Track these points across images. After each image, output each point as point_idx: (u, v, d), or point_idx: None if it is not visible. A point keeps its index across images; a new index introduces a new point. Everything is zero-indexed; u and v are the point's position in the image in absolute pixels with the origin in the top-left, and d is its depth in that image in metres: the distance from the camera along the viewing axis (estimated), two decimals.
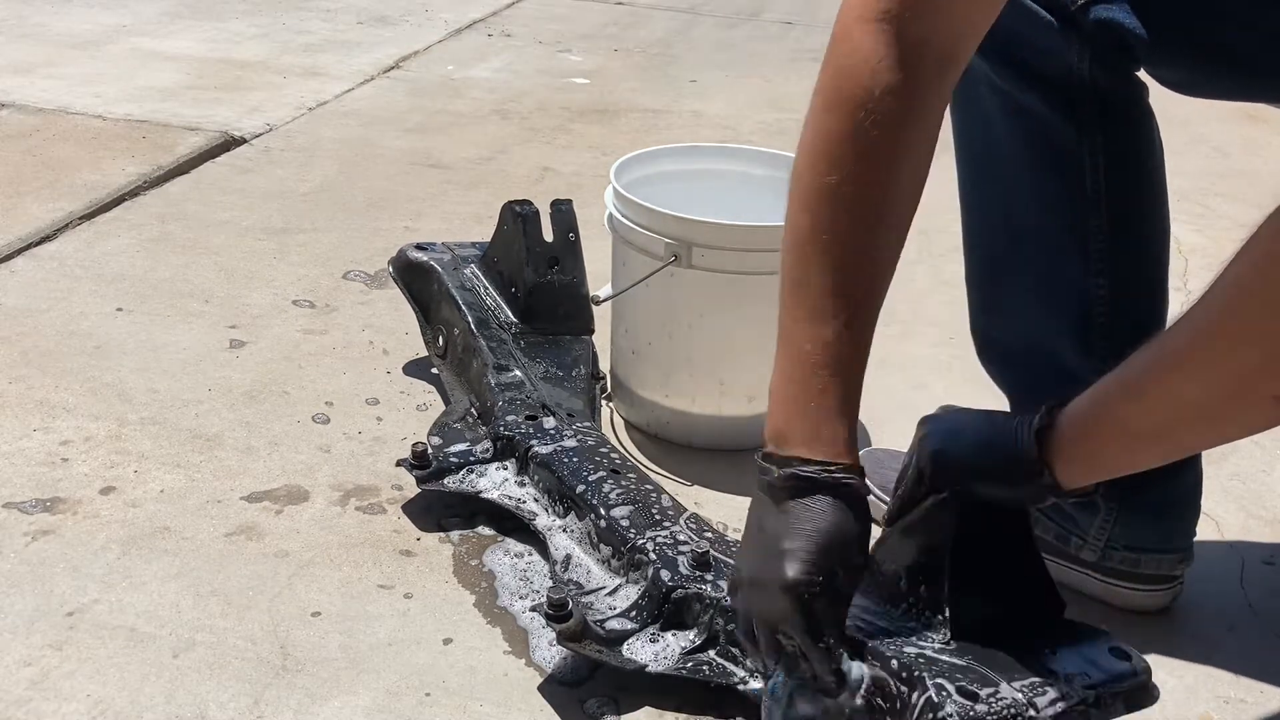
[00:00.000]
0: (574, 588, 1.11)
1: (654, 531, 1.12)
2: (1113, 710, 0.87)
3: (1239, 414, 0.76)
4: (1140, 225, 1.12)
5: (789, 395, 0.85)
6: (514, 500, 1.23)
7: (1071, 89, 1.06)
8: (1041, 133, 1.09)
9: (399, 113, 2.63)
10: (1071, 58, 1.04)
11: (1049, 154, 1.09)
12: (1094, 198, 1.09)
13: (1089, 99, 1.06)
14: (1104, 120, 1.07)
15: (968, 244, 1.22)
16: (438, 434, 1.30)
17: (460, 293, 1.48)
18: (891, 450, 1.36)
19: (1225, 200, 2.32)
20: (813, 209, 0.84)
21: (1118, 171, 1.08)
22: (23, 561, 1.17)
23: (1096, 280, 1.11)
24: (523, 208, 1.45)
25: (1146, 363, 0.79)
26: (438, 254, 1.56)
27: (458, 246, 1.59)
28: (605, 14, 3.70)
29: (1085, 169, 1.08)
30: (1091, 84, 1.05)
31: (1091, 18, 1.02)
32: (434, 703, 1.03)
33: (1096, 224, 1.09)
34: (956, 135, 1.17)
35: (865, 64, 0.80)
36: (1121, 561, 1.17)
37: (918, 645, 0.89)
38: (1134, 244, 1.11)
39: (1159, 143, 1.11)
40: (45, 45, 2.92)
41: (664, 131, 2.61)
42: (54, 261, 1.81)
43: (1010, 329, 1.20)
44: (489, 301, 1.48)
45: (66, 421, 1.41)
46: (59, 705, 1.00)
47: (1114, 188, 1.08)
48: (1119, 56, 1.04)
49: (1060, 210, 1.11)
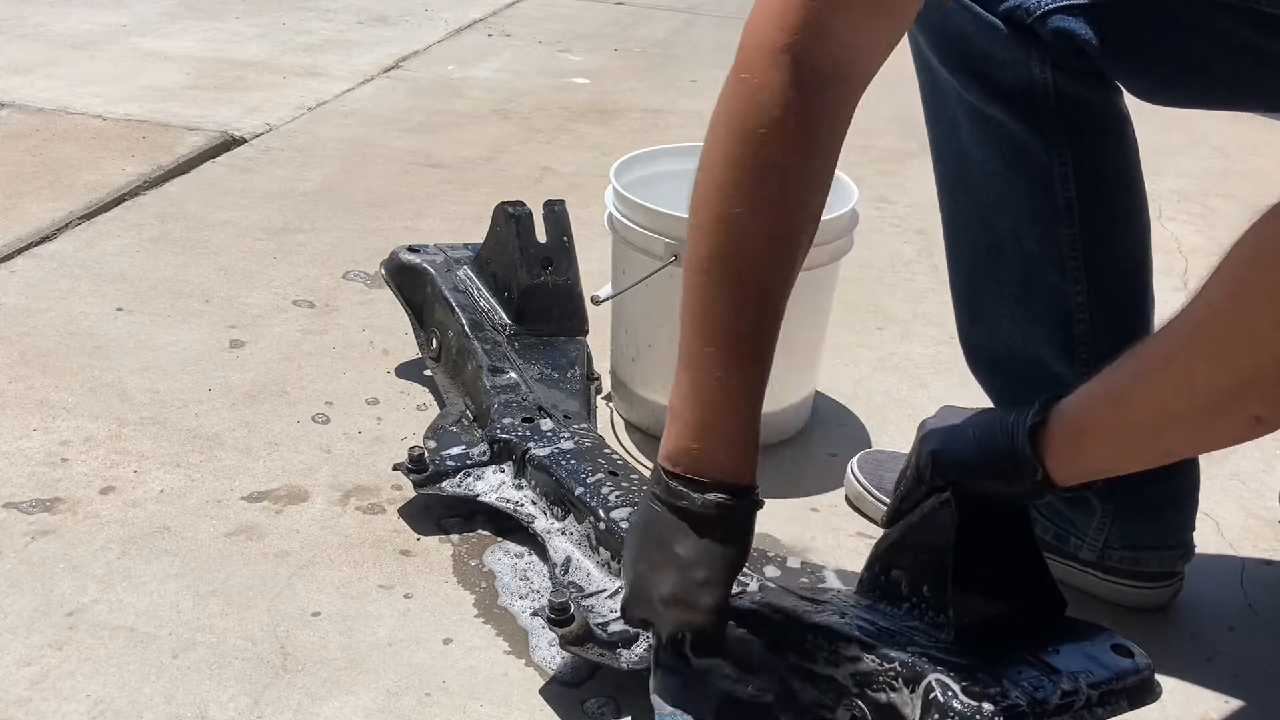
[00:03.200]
0: (574, 590, 1.11)
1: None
2: (1116, 707, 0.87)
3: (1219, 429, 0.75)
4: (1115, 232, 1.11)
5: (704, 421, 0.88)
6: (512, 503, 1.23)
7: (1035, 99, 1.05)
8: (1009, 143, 1.08)
9: (399, 113, 2.63)
10: (1033, 69, 1.04)
11: (1018, 164, 1.09)
12: (1065, 207, 1.08)
13: (1053, 109, 1.05)
14: (1070, 130, 1.06)
15: (950, 253, 1.22)
16: (433, 437, 1.30)
17: (453, 295, 1.48)
18: (891, 451, 1.36)
19: (1225, 200, 2.32)
20: (720, 236, 0.85)
21: (1088, 180, 1.07)
22: (23, 561, 1.17)
23: (1074, 288, 1.10)
24: (515, 209, 1.45)
25: (1131, 370, 0.78)
26: (430, 256, 1.55)
27: (450, 248, 1.58)
28: (605, 14, 3.70)
29: (1054, 178, 1.07)
30: (1056, 93, 1.04)
31: (1050, 27, 1.01)
32: (434, 703, 1.03)
33: (1070, 233, 1.09)
34: (932, 146, 1.17)
35: (770, 95, 0.81)
36: (1120, 560, 1.17)
37: (921, 645, 0.89)
38: (1110, 251, 1.11)
39: (1133, 146, 1.10)
40: (45, 45, 2.92)
41: (664, 131, 2.61)
42: (54, 261, 1.81)
43: (995, 337, 1.19)
44: (483, 303, 1.48)
45: (66, 421, 1.41)
46: (59, 705, 1.00)
47: (1085, 196, 1.08)
48: (1081, 63, 1.03)
49: (1033, 219, 1.10)
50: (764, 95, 0.81)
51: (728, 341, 0.86)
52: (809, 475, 1.40)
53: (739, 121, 0.83)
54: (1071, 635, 0.91)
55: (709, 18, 3.73)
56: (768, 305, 0.87)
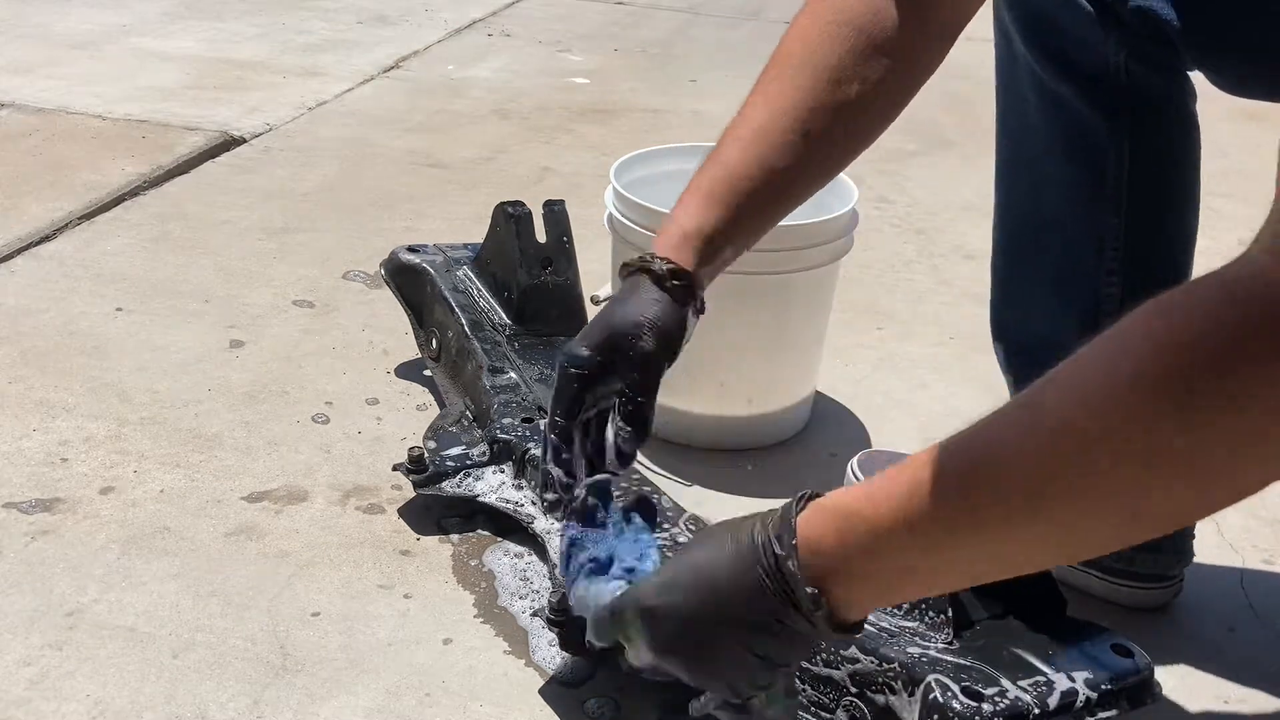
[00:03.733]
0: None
1: (655, 533, 1.11)
2: (1116, 707, 0.87)
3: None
4: (1160, 232, 1.10)
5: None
6: (512, 504, 1.23)
7: (1106, 82, 1.04)
8: (1073, 124, 1.07)
9: (399, 113, 2.63)
10: (1109, 51, 1.03)
11: (1078, 146, 1.08)
12: (1114, 196, 1.07)
13: (1122, 95, 1.04)
14: (1136, 119, 1.05)
15: (996, 223, 1.20)
16: (433, 437, 1.30)
17: (453, 295, 1.47)
18: (891, 451, 1.36)
19: (1225, 200, 2.32)
20: (765, 72, 0.92)
21: (1142, 173, 1.06)
22: (22, 561, 1.17)
23: (1109, 279, 1.09)
24: (515, 209, 1.44)
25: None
26: (430, 256, 1.55)
27: (450, 248, 1.58)
28: (605, 14, 3.69)
29: (1109, 166, 1.07)
30: (1127, 79, 1.03)
31: (1130, 6, 0.99)
32: (434, 703, 1.03)
33: (1115, 223, 1.08)
34: (998, 119, 1.17)
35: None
36: (1116, 559, 1.16)
37: (921, 645, 0.89)
38: (1152, 249, 1.09)
39: (1195, 150, 1.09)
40: (45, 45, 2.92)
41: (664, 131, 2.61)
42: (53, 261, 1.81)
43: (1023, 320, 1.19)
44: (482, 303, 1.48)
45: (66, 421, 1.41)
46: (59, 705, 1.00)
47: (1136, 189, 1.07)
48: (1158, 51, 1.01)
49: (1081, 204, 1.09)
50: None
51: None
52: (809, 475, 1.40)
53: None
54: (1072, 635, 0.91)
55: (709, 18, 3.73)
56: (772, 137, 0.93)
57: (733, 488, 1.35)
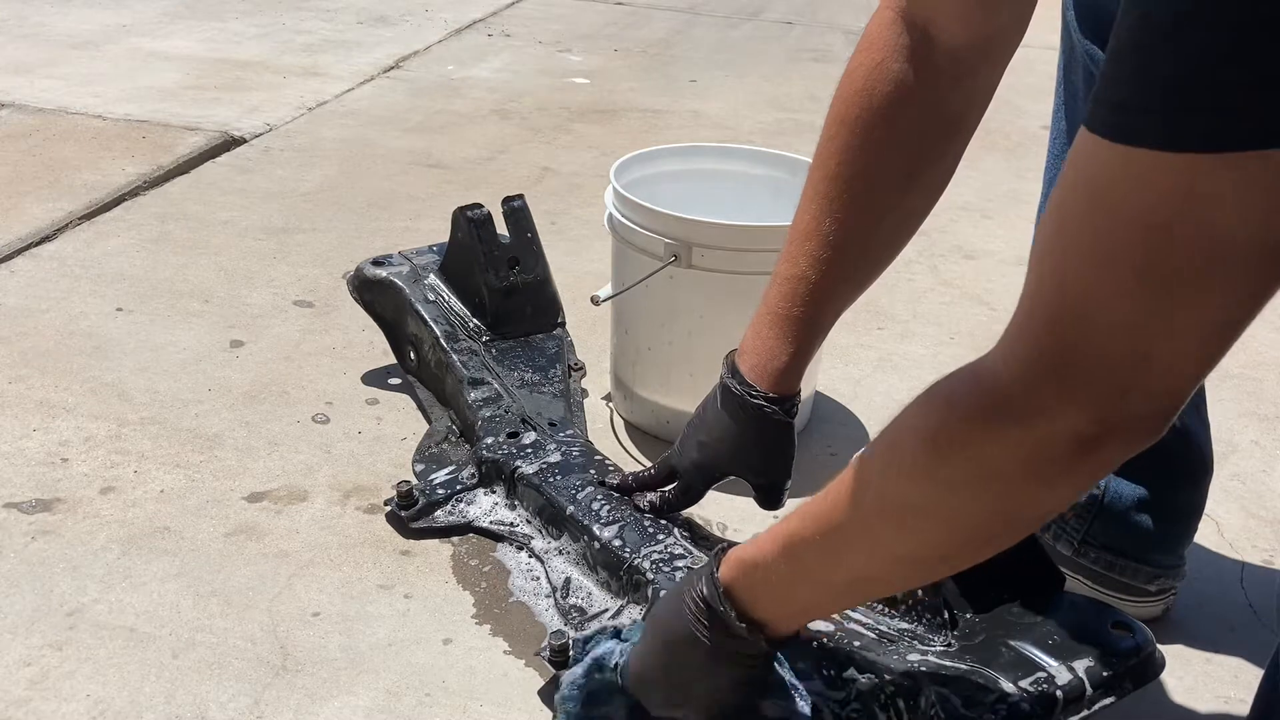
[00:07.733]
0: (577, 614, 1.11)
1: (649, 548, 1.10)
2: (1121, 690, 0.86)
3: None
4: None
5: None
6: (507, 525, 1.23)
7: None
8: None
9: (399, 113, 2.63)
10: None
11: None
12: None
13: None
14: None
15: (1040, 219, 1.21)
16: (421, 460, 1.30)
17: (425, 306, 1.44)
18: None
19: None
20: (815, 161, 0.95)
21: None
22: (23, 561, 1.17)
23: None
24: (474, 212, 1.42)
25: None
26: (396, 267, 1.50)
27: (416, 254, 1.54)
28: (605, 14, 3.70)
29: None
30: None
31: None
32: (434, 703, 1.03)
33: None
34: (1054, 110, 1.17)
35: (870, 39, 0.91)
36: (1096, 561, 1.16)
37: (919, 651, 0.89)
38: None
39: None
40: (45, 45, 2.92)
41: (664, 131, 2.61)
42: (54, 261, 1.81)
43: None
44: (454, 311, 1.44)
45: (66, 421, 1.41)
46: (59, 705, 1.00)
47: None
48: None
49: None
50: (865, 38, 0.91)
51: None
52: (809, 475, 1.39)
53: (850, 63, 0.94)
54: (1070, 616, 0.90)
55: (709, 18, 3.73)
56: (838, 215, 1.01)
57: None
